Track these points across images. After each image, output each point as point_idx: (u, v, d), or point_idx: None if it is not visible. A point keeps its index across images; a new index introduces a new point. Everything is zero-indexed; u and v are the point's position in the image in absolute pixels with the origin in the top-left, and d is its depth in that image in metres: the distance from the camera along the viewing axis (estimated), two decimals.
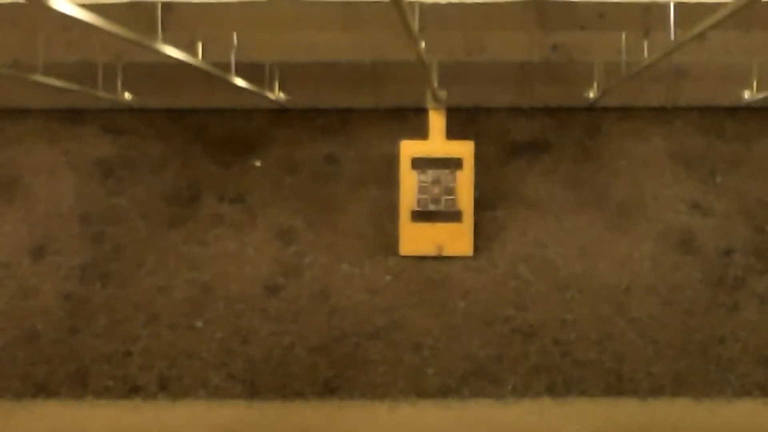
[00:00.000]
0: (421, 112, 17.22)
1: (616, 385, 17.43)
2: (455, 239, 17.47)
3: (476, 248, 17.52)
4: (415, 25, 10.55)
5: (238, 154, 17.90)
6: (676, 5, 12.13)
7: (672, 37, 11.66)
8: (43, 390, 17.74)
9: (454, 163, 17.19)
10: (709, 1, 11.51)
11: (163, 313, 17.48)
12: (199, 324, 17.59)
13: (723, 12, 7.95)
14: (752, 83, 15.62)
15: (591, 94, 16.01)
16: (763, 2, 8.44)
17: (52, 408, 17.86)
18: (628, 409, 17.33)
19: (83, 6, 7.78)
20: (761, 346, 17.47)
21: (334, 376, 17.58)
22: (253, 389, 17.64)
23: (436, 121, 17.02)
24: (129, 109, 17.34)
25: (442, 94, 15.88)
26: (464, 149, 17.09)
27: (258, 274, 17.67)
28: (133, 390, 17.74)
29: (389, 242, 17.58)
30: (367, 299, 17.52)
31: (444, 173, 17.24)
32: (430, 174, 17.15)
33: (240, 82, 14.13)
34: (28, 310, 17.80)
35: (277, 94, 16.21)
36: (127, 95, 16.05)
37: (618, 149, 17.68)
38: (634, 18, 13.87)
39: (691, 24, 10.85)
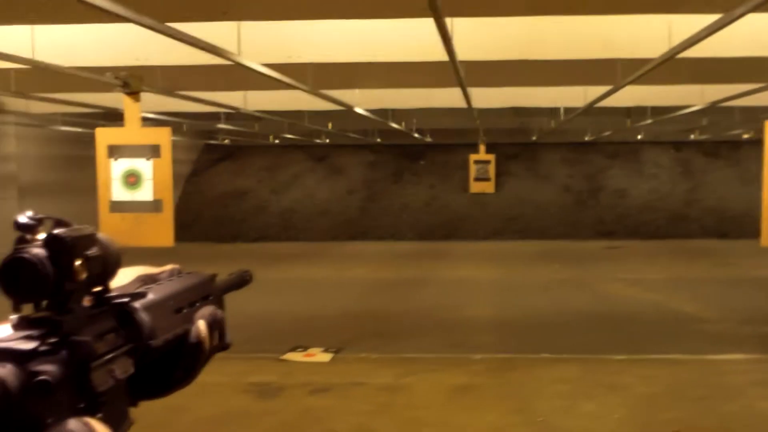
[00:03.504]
0: (476, 145, 23.47)
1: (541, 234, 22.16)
2: (489, 186, 21.78)
3: (496, 189, 23.69)
4: (476, 114, 15.64)
5: (416, 159, 24.71)
6: (548, 109, 16.82)
7: (561, 118, 16.61)
8: (351, 238, 23.49)
9: (488, 162, 21.73)
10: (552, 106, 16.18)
11: (390, 213, 24.09)
12: (404, 216, 24.11)
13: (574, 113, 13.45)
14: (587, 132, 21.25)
15: (534, 138, 22.18)
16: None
17: (347, 246, 22.53)
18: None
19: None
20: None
21: (448, 232, 23.80)
22: (420, 237, 23.65)
23: (482, 148, 22.72)
24: (377, 144, 23.62)
25: (484, 139, 22.41)
26: (491, 157, 22.26)
27: (422, 200, 24.15)
28: (380, 238, 23.70)
29: (466, 187, 22.52)
30: (459, 208, 24.06)
31: (485, 165, 21.99)
32: (481, 165, 21.71)
33: (416, 135, 20.26)
34: (346, 211, 23.99)
35: (428, 138, 22.56)
36: (378, 140, 22.48)
37: (542, 157, 24.26)
38: (545, 112, 17.87)
39: (568, 114, 15.18)
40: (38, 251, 0.73)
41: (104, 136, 8.72)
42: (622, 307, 12.73)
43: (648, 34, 8.07)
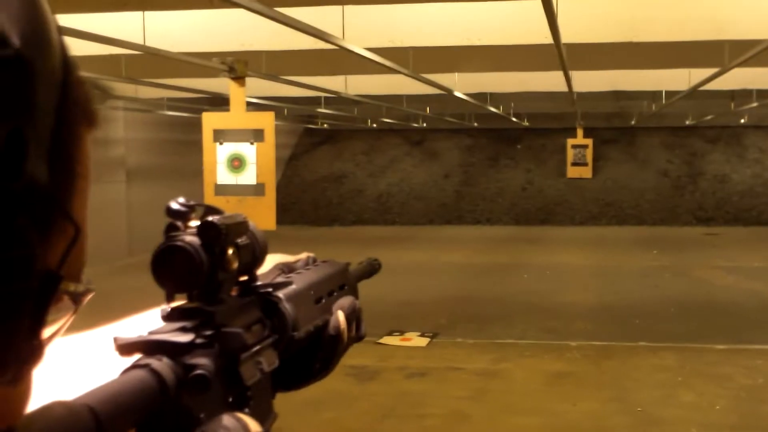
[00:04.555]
0: (573, 129, 23.01)
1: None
2: (586, 171, 21.11)
3: (593, 173, 21.85)
4: (574, 98, 15.10)
5: (512, 143, 23.76)
6: (649, 92, 16.67)
7: (662, 102, 16.29)
8: (447, 222, 23.16)
9: (585, 146, 21.12)
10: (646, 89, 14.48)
11: (486, 197, 23.38)
12: (500, 200, 25.30)
13: (670, 104, 12.72)
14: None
15: (632, 122, 21.68)
16: None
17: (443, 230, 22.46)
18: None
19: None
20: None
21: (544, 217, 23.24)
22: (516, 221, 23.27)
23: (579, 133, 21.72)
24: (473, 128, 23.24)
25: (581, 123, 21.93)
26: (588, 141, 21.39)
27: (518, 184, 23.73)
28: (476, 222, 23.31)
29: (563, 171, 21.69)
30: (556, 193, 23.69)
31: (582, 149, 21.22)
32: (578, 150, 21.05)
33: (514, 119, 19.70)
34: (442, 195, 23.59)
35: (525, 122, 22.22)
36: (476, 124, 22.15)
37: (641, 141, 23.43)
38: (646, 95, 17.42)
39: (659, 100, 14.76)
40: (192, 239, 0.69)
41: (210, 120, 8.83)
42: (722, 296, 12.49)
43: (758, 14, 7.81)
